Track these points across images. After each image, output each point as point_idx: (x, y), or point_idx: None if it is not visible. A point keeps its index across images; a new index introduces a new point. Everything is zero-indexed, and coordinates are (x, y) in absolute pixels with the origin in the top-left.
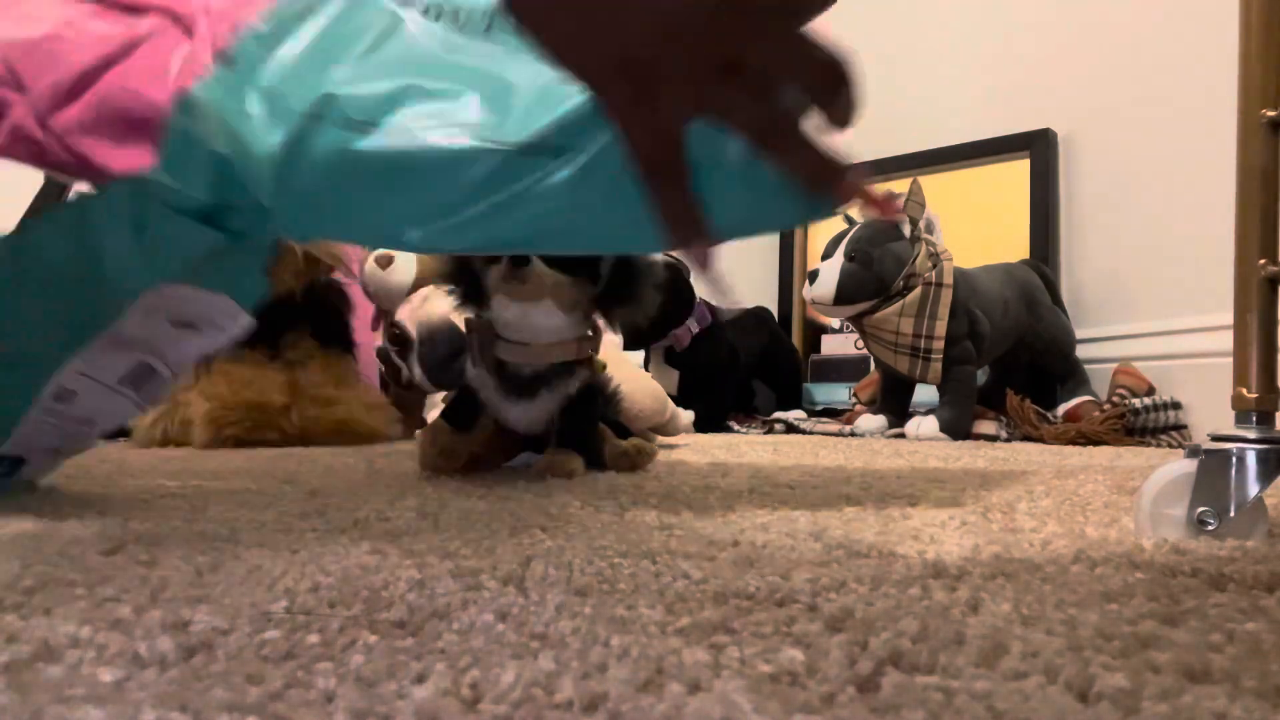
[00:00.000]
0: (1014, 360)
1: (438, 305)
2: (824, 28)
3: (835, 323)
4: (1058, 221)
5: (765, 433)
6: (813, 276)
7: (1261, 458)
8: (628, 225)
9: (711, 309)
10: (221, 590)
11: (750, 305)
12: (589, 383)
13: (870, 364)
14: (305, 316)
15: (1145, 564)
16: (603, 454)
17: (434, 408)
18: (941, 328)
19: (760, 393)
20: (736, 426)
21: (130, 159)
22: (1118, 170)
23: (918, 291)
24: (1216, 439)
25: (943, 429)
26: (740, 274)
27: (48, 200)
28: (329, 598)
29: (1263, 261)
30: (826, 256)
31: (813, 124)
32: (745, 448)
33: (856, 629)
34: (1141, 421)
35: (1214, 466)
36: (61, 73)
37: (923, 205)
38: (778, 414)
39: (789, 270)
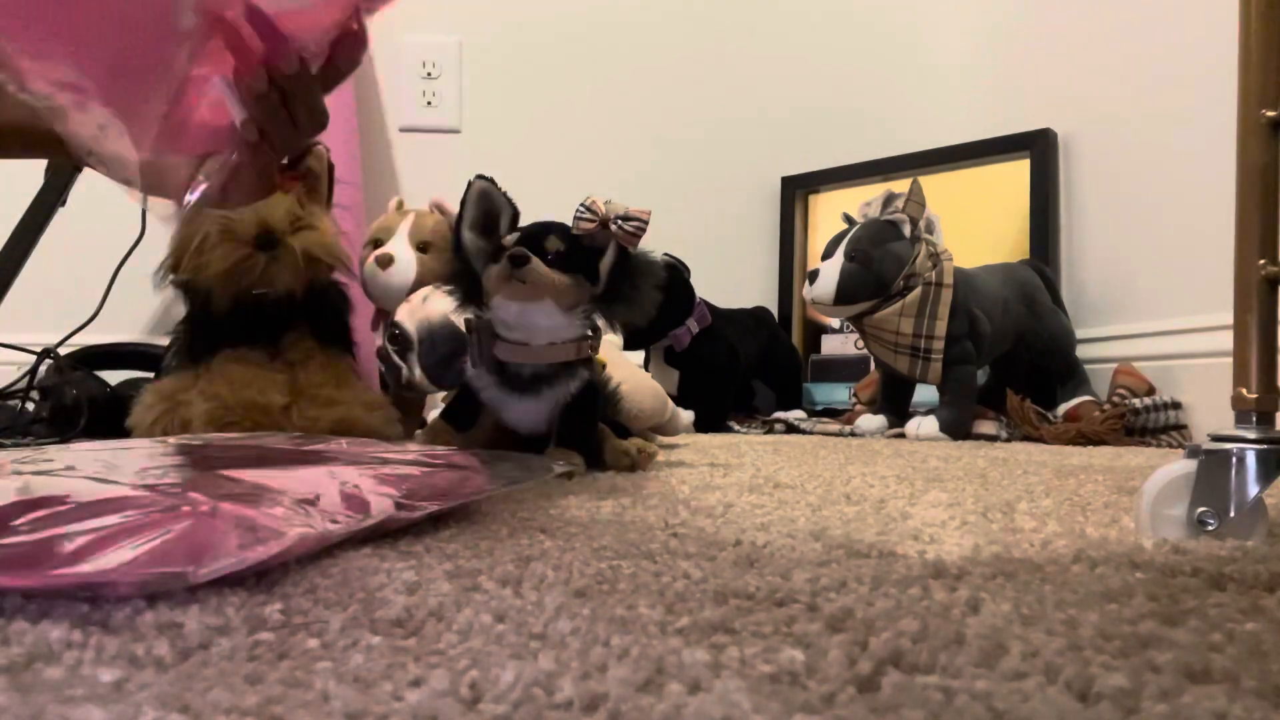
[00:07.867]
0: (1014, 360)
1: (438, 305)
2: None
3: (835, 323)
4: (1058, 221)
5: (765, 433)
6: (813, 276)
7: (1261, 458)
8: None
9: (711, 309)
10: (216, 592)
11: (750, 305)
12: (589, 382)
13: (870, 364)
14: (305, 316)
15: (1145, 564)
16: (603, 454)
17: (434, 408)
18: (941, 328)
19: (760, 393)
20: (736, 426)
21: None
22: (1118, 170)
23: (918, 291)
24: (1216, 439)
25: (943, 429)
26: (740, 274)
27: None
28: (326, 599)
29: (1263, 261)
30: (826, 256)
31: None
32: (745, 448)
33: (856, 629)
34: (1141, 421)
35: (1214, 466)
36: None
37: (923, 205)
38: (778, 414)
39: (789, 270)
